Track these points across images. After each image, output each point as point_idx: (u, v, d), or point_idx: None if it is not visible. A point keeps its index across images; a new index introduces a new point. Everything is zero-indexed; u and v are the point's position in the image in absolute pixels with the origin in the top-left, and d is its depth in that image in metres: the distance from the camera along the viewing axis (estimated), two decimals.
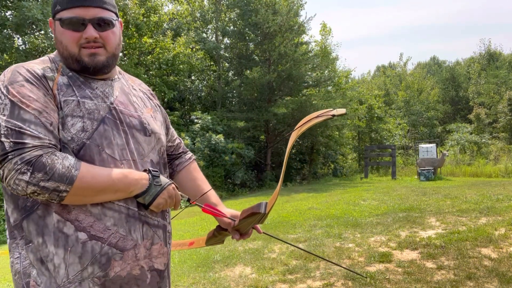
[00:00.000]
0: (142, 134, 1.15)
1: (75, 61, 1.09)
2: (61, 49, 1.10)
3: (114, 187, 1.03)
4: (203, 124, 15.58)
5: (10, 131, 0.94)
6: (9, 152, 0.93)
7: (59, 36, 1.10)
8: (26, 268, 1.02)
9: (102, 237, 1.03)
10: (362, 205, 7.84)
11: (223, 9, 19.91)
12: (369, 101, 22.21)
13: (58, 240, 1.00)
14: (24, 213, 1.02)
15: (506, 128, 24.00)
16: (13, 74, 1.02)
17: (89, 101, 1.08)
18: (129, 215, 1.08)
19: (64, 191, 0.95)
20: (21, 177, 0.92)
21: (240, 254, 4.75)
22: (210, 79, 21.02)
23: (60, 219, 1.01)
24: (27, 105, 0.97)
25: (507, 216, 5.66)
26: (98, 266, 1.02)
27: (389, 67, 44.77)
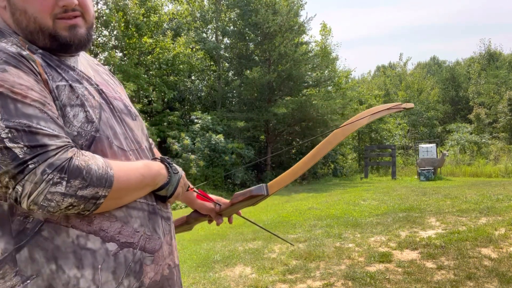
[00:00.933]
0: (130, 118, 0.97)
1: (48, 36, 0.84)
2: (24, 22, 0.83)
3: (144, 182, 0.88)
4: (203, 124, 15.59)
5: (17, 133, 0.70)
6: (27, 161, 0.70)
7: (20, 2, 0.82)
8: None
9: (133, 242, 0.86)
10: (362, 205, 7.84)
11: (223, 9, 19.92)
12: (369, 101, 22.22)
13: (81, 260, 0.79)
14: (24, 238, 0.77)
15: (506, 128, 24.00)
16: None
17: (78, 85, 0.86)
18: (150, 211, 0.93)
19: (102, 196, 0.77)
20: (55, 189, 0.71)
21: (240, 254, 4.75)
22: (210, 79, 21.03)
23: (80, 233, 0.80)
24: (22, 96, 0.73)
25: (507, 216, 5.66)
26: (133, 276, 0.85)
27: (389, 67, 44.78)
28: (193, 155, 13.98)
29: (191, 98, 19.86)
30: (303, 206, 8.45)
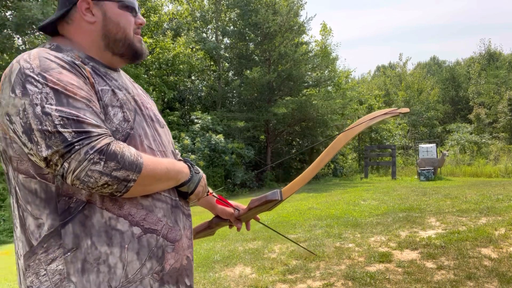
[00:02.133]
0: (158, 126, 1.13)
1: (127, 45, 1.08)
2: (114, 31, 1.06)
3: (168, 175, 1.01)
4: (203, 124, 15.58)
5: (67, 121, 0.85)
6: (74, 143, 0.84)
7: (114, 17, 1.06)
8: (59, 285, 0.89)
9: (156, 229, 0.99)
10: (362, 205, 7.84)
11: (223, 9, 19.91)
12: (369, 101, 22.23)
13: (112, 239, 0.93)
14: (68, 215, 0.91)
15: (506, 128, 24.00)
16: (42, 61, 0.92)
17: (119, 91, 1.03)
18: (173, 205, 1.06)
19: (132, 180, 0.90)
20: (94, 167, 0.85)
21: (240, 254, 4.75)
22: (210, 79, 21.03)
23: (112, 216, 0.94)
24: (73, 93, 0.90)
25: (507, 216, 5.66)
26: (156, 260, 0.98)
27: (389, 67, 44.76)
28: (193, 155, 13.98)
29: (191, 98, 19.85)
30: (303, 206, 8.45)
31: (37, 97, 0.86)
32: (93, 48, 1.06)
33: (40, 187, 0.91)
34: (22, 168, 0.92)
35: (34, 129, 0.84)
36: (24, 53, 0.95)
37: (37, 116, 0.84)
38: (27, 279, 0.93)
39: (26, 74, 0.89)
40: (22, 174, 0.93)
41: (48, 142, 0.84)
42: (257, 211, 1.31)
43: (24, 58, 0.93)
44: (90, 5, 1.04)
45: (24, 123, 0.85)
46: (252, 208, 1.28)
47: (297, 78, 17.86)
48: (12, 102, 0.87)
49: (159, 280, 0.98)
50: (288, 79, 17.78)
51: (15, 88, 0.88)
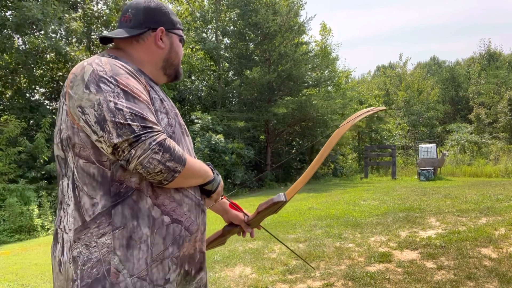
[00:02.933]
0: (186, 135, 1.29)
1: (176, 69, 1.35)
2: (172, 57, 1.32)
3: (199, 173, 1.19)
4: (203, 124, 15.58)
5: (136, 116, 1.03)
6: (141, 134, 1.01)
7: (176, 48, 1.32)
8: (105, 256, 1.05)
9: (181, 221, 1.16)
10: (362, 205, 7.84)
11: (223, 9, 19.91)
12: (369, 101, 22.21)
13: (150, 222, 1.09)
14: (119, 198, 1.07)
15: (506, 128, 23.99)
16: (113, 67, 1.10)
17: (164, 101, 1.23)
18: (196, 203, 1.22)
19: (178, 171, 1.08)
20: (155, 156, 1.02)
21: (240, 254, 4.75)
22: (210, 79, 21.01)
23: (151, 204, 1.10)
24: (138, 95, 1.08)
25: (507, 216, 5.66)
26: (177, 246, 1.14)
27: (389, 67, 44.76)
28: None
29: (191, 98, 19.83)
30: (303, 206, 8.44)
31: (110, 95, 1.03)
32: (149, 66, 1.27)
33: (98, 172, 1.07)
34: (84, 154, 1.08)
35: (108, 120, 1.01)
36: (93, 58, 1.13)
37: (111, 110, 1.01)
38: (73, 250, 1.06)
39: (99, 75, 1.06)
40: (83, 159, 1.08)
41: (119, 132, 1.00)
42: (265, 214, 1.41)
43: (96, 62, 1.10)
44: (163, 33, 1.28)
45: (98, 114, 1.02)
46: (260, 212, 1.38)
47: (297, 78, 17.85)
48: (87, 97, 1.04)
49: (176, 264, 1.15)
50: (288, 79, 17.77)
51: (90, 86, 1.05)
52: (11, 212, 8.76)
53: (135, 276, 1.06)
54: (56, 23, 12.07)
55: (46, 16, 11.13)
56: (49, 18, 11.31)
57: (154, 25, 1.26)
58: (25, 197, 9.43)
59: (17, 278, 4.74)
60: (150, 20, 1.26)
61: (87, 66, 1.09)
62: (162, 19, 1.28)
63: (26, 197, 9.45)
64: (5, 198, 9.13)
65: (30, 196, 9.52)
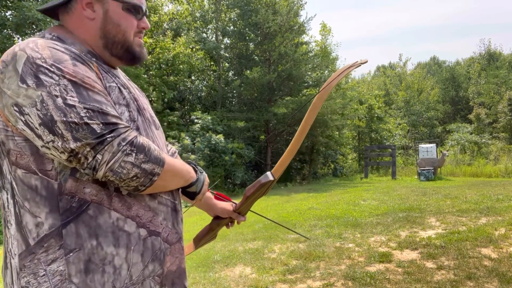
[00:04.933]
0: (154, 127, 1.08)
1: (125, 48, 1.03)
2: (113, 32, 1.01)
3: (181, 173, 1.01)
4: (203, 124, 15.58)
5: (93, 113, 0.83)
6: (105, 134, 0.83)
7: (116, 17, 1.00)
8: (59, 286, 0.86)
9: (159, 232, 0.98)
10: (362, 205, 7.84)
11: (223, 9, 19.91)
12: (369, 101, 22.21)
13: (118, 239, 0.90)
14: (70, 215, 0.87)
15: (506, 128, 23.99)
16: (53, 52, 0.87)
17: (124, 90, 1.00)
18: (172, 208, 1.04)
19: (156, 174, 0.90)
20: (127, 158, 0.84)
21: (240, 254, 4.75)
22: (210, 79, 21.02)
23: (120, 216, 0.92)
24: (91, 85, 0.87)
25: (507, 216, 5.66)
26: (158, 263, 0.97)
27: (389, 67, 44.77)
28: (193, 155, 13.98)
29: (191, 98, 19.85)
30: (303, 206, 8.44)
31: (55, 89, 0.82)
32: (93, 45, 1.01)
33: (41, 184, 0.87)
34: (22, 163, 0.88)
35: (58, 121, 0.81)
36: (27, 41, 0.89)
37: (59, 108, 0.81)
38: (21, 279, 0.88)
39: (37, 64, 0.84)
40: (22, 169, 0.88)
41: (76, 134, 0.81)
42: (254, 198, 1.29)
43: (30, 47, 0.87)
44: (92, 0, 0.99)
45: (43, 114, 0.81)
46: (249, 196, 1.27)
47: (297, 78, 17.85)
48: (24, 92, 0.82)
49: (159, 283, 0.98)
50: (288, 79, 17.77)
51: (26, 79, 0.83)
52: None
53: None
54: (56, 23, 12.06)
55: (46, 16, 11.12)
56: (49, 18, 11.32)
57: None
58: None
59: None
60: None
61: (19, 52, 0.86)
62: None
63: None
64: None
65: None
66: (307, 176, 18.89)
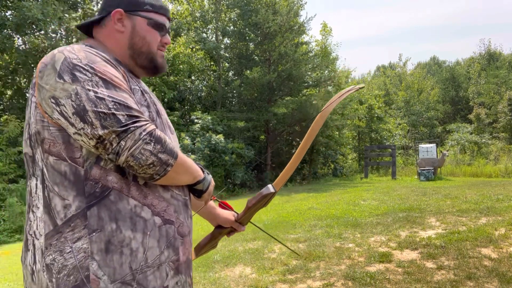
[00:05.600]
0: (169, 132, 1.21)
1: (149, 58, 1.18)
2: (139, 44, 1.16)
3: (191, 170, 1.11)
4: (203, 124, 15.58)
5: (119, 105, 0.95)
6: (129, 124, 0.94)
7: (142, 32, 1.16)
8: (82, 262, 0.95)
9: (173, 221, 1.07)
10: (362, 205, 7.84)
11: (223, 9, 19.90)
12: (369, 101, 22.21)
13: (135, 225, 1.00)
14: (93, 199, 0.98)
15: (506, 128, 23.99)
16: (87, 54, 1.02)
17: (145, 93, 1.14)
18: (183, 203, 1.14)
19: (170, 165, 1.00)
20: (146, 147, 0.95)
21: (240, 254, 4.75)
22: (210, 79, 21.01)
23: (138, 204, 1.02)
24: (119, 83, 1.00)
25: (507, 216, 5.66)
26: (173, 249, 1.06)
27: (389, 67, 44.77)
28: (193, 155, 13.98)
29: (191, 98, 19.83)
30: (303, 206, 8.44)
31: (88, 84, 0.95)
32: (121, 55, 1.16)
33: (70, 170, 0.98)
34: (54, 150, 0.99)
35: (89, 110, 0.93)
36: (65, 46, 1.04)
37: (91, 100, 0.93)
38: (46, 257, 0.97)
39: (73, 63, 0.98)
40: (53, 156, 0.99)
41: (104, 123, 0.92)
42: (255, 209, 1.35)
43: (68, 49, 1.01)
44: (122, 16, 1.15)
45: (77, 105, 0.93)
46: (250, 207, 1.33)
47: (297, 78, 17.84)
48: (61, 86, 0.95)
49: (174, 269, 1.06)
50: (288, 79, 17.77)
51: (63, 75, 0.96)
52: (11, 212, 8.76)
53: (117, 281, 0.96)
54: (56, 23, 12.07)
55: (46, 16, 11.13)
56: (49, 18, 11.32)
57: (112, 7, 1.15)
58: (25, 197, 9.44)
59: (18, 278, 4.73)
60: (111, 3, 1.16)
61: (58, 54, 1.00)
62: (129, 3, 1.16)
63: None
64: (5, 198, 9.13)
65: None
66: (307, 176, 18.89)
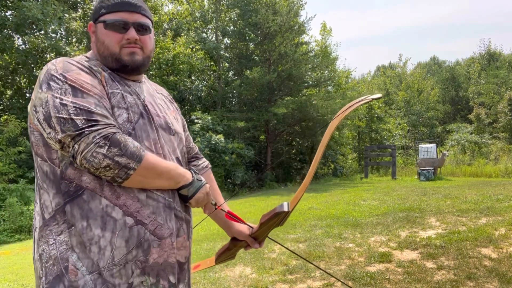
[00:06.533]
0: (167, 133, 1.24)
1: (114, 60, 1.20)
2: (101, 49, 1.21)
3: (169, 175, 1.12)
4: (203, 124, 15.58)
5: (80, 111, 1.01)
6: (84, 128, 1.00)
7: (101, 37, 1.21)
8: (63, 253, 1.04)
9: (146, 223, 1.10)
10: (362, 205, 7.84)
11: (223, 9, 19.91)
12: None
13: (105, 224, 1.05)
14: (68, 197, 1.05)
15: (506, 128, 23.99)
16: (65, 65, 1.11)
17: (129, 96, 1.18)
18: (165, 205, 1.15)
19: (132, 168, 1.03)
20: (99, 150, 0.99)
21: (240, 254, 4.75)
22: (210, 79, 21.02)
23: (109, 204, 1.06)
24: (88, 90, 1.07)
25: (507, 216, 5.66)
26: (142, 250, 1.09)
27: (389, 67, 44.77)
28: None
29: (191, 98, 19.84)
30: (303, 206, 8.44)
31: (57, 92, 1.04)
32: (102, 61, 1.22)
33: (50, 170, 1.08)
34: (39, 152, 1.10)
35: (52, 116, 1.01)
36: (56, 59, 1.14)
37: (55, 106, 1.02)
38: (39, 247, 1.08)
39: (51, 74, 1.08)
40: (39, 157, 1.10)
41: (63, 127, 1.00)
42: (269, 226, 1.31)
43: (52, 62, 1.12)
44: (92, 27, 1.25)
45: (45, 112, 1.02)
46: (263, 223, 1.29)
47: (297, 78, 17.85)
48: (39, 96, 1.06)
49: (140, 269, 1.09)
50: (288, 79, 17.77)
51: (42, 85, 1.07)
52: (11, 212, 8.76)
53: (95, 272, 1.03)
54: (56, 23, 12.07)
55: (46, 16, 11.13)
56: (49, 18, 11.32)
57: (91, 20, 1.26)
58: (25, 197, 9.44)
59: (17, 278, 4.74)
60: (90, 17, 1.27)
61: (45, 67, 1.12)
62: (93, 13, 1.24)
63: (26, 197, 9.45)
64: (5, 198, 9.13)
65: (30, 196, 9.52)
66: None
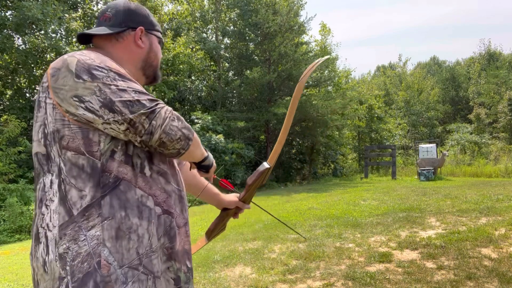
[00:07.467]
0: None
1: (154, 71, 1.35)
2: (152, 58, 1.33)
3: (200, 145, 1.23)
4: (203, 124, 15.58)
5: (139, 93, 1.07)
6: (153, 106, 1.06)
7: (156, 49, 1.35)
8: (95, 248, 1.04)
9: (172, 212, 1.18)
10: (362, 205, 7.84)
11: (223, 9, 19.91)
12: (369, 101, 22.22)
13: (142, 213, 1.10)
14: (107, 189, 1.07)
15: (506, 128, 23.99)
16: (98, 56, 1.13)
17: None
18: (179, 195, 1.23)
19: (191, 139, 1.13)
20: (173, 123, 1.08)
21: (240, 254, 4.75)
22: (210, 79, 21.01)
23: (144, 194, 1.12)
24: (130, 78, 1.12)
25: (507, 216, 5.66)
26: (168, 238, 1.16)
27: (389, 67, 44.77)
28: None
29: (191, 98, 19.82)
30: (303, 206, 8.44)
31: (106, 79, 1.06)
32: (128, 65, 1.27)
33: (87, 163, 1.07)
34: (73, 146, 1.08)
35: (115, 101, 1.04)
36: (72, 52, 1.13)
37: (114, 92, 1.05)
38: (59, 247, 1.04)
39: (88, 63, 1.07)
40: (72, 151, 1.08)
41: (131, 109, 1.04)
42: (255, 186, 1.48)
43: (78, 53, 1.11)
44: (142, 33, 1.30)
45: (103, 99, 1.04)
46: (250, 185, 1.46)
47: (297, 78, 17.82)
48: (83, 86, 1.05)
49: (167, 255, 1.16)
50: (288, 79, 17.77)
51: (81, 75, 1.05)
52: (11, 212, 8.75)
53: (125, 266, 1.05)
54: (56, 23, 12.07)
55: (46, 16, 11.13)
56: (49, 18, 11.32)
57: (134, 24, 1.28)
58: (25, 197, 9.43)
59: (17, 278, 4.74)
60: (130, 20, 1.28)
61: (69, 58, 1.09)
62: (141, 20, 1.30)
63: (26, 197, 9.44)
64: (5, 198, 9.13)
65: (30, 196, 9.52)
66: (307, 176, 18.89)
